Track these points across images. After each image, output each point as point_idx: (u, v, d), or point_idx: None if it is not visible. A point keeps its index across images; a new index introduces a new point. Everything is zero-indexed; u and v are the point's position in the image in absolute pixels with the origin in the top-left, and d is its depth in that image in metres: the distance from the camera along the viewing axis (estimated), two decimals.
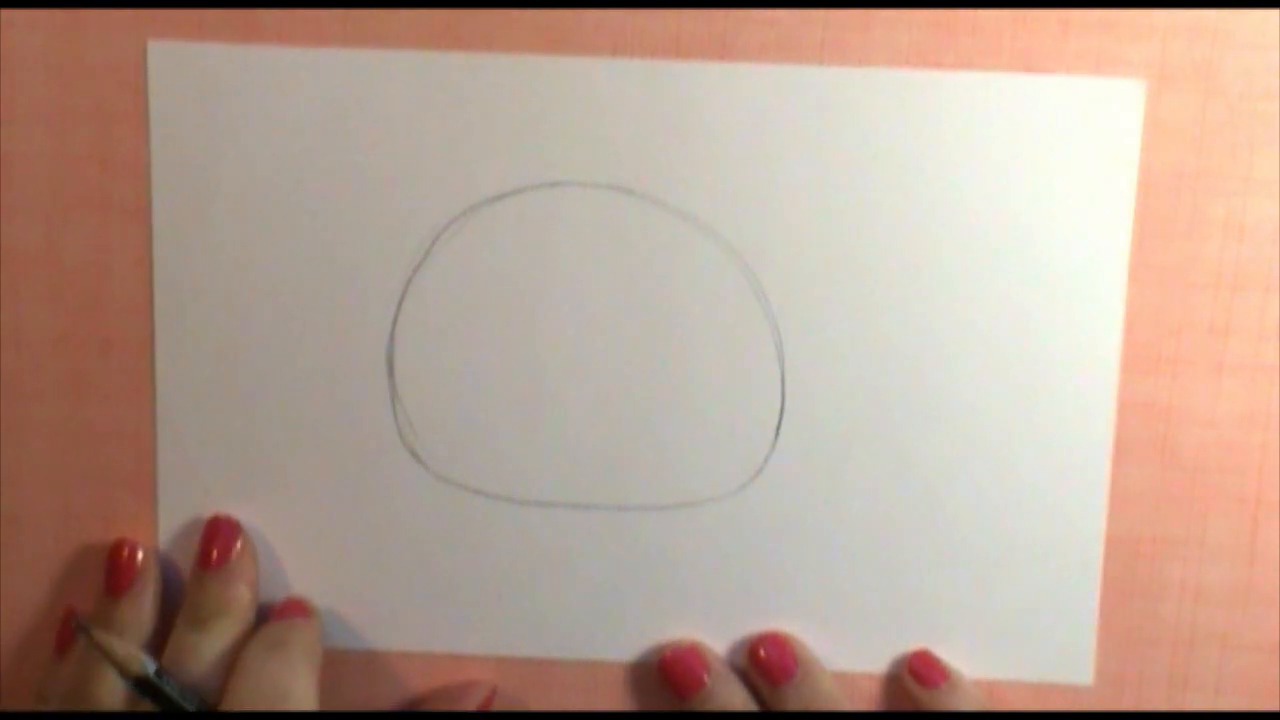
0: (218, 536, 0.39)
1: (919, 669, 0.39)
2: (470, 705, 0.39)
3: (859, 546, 0.39)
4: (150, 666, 0.35)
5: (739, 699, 0.38)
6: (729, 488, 0.39)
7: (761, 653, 0.39)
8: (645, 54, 0.38)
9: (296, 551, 0.40)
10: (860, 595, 0.40)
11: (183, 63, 0.38)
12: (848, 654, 0.39)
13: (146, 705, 0.35)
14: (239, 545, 0.39)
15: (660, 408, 0.39)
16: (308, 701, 0.35)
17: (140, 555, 0.39)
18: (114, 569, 0.39)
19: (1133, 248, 0.38)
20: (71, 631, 0.38)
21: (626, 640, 0.40)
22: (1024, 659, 0.39)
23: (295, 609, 0.39)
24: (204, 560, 0.39)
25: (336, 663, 0.40)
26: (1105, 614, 0.39)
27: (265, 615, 0.39)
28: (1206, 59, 0.37)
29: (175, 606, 0.39)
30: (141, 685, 0.35)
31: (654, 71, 0.38)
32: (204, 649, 0.37)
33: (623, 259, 0.38)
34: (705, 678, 0.39)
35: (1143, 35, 0.37)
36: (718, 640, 0.40)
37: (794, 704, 0.38)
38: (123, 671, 0.35)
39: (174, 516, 0.39)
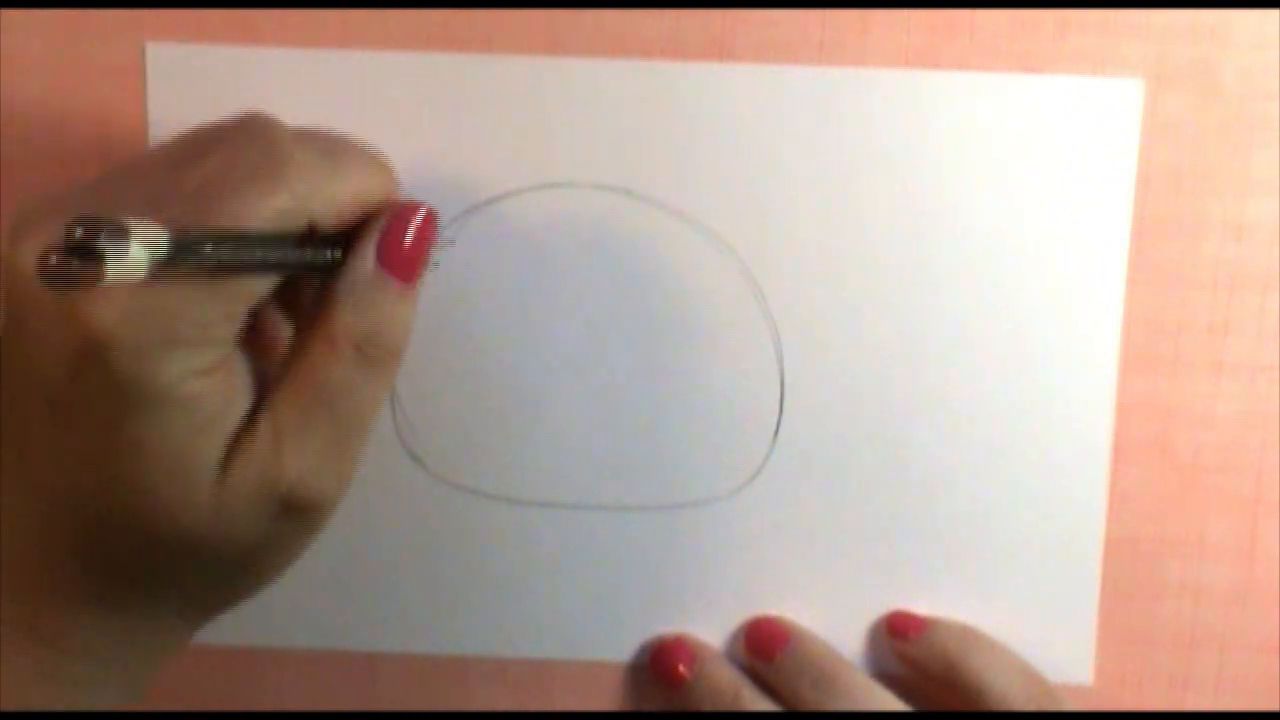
0: None
1: (896, 624, 0.39)
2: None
3: (858, 547, 0.39)
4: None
5: (727, 675, 0.39)
6: (728, 488, 0.39)
7: (752, 630, 0.39)
8: (644, 54, 0.38)
9: None
10: (859, 595, 0.40)
11: (181, 64, 0.38)
12: (847, 654, 0.39)
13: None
14: None
15: (660, 408, 0.39)
16: None
17: None
18: None
19: (1131, 247, 0.38)
20: None
21: (626, 640, 0.40)
22: (1024, 659, 0.39)
23: None
24: None
25: (337, 664, 0.40)
26: (1105, 614, 0.39)
27: None
28: (1205, 59, 0.37)
29: None
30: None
31: (653, 72, 0.38)
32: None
33: (622, 259, 0.38)
34: (692, 660, 0.39)
35: (1141, 35, 0.37)
36: (716, 640, 0.40)
37: (789, 671, 0.38)
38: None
39: None
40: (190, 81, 0.38)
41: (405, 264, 0.31)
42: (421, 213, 0.32)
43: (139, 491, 0.29)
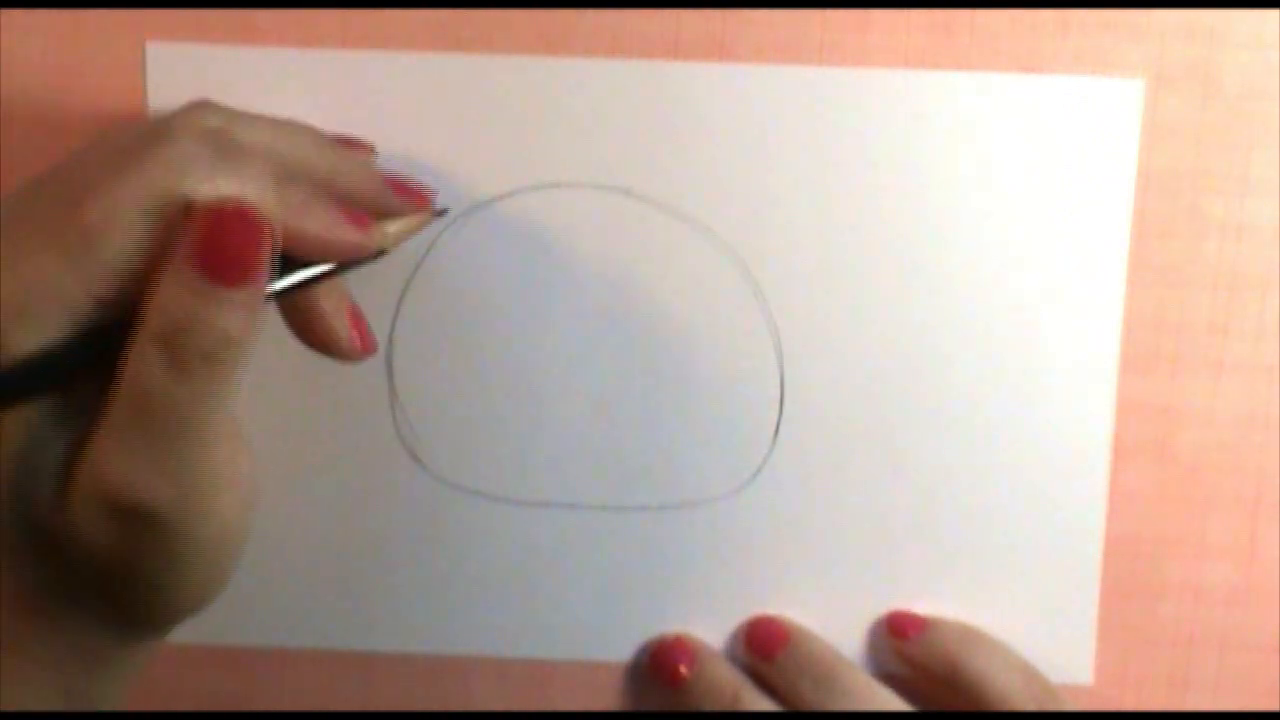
0: None
1: (896, 624, 0.39)
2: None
3: (857, 547, 0.39)
4: None
5: (727, 675, 0.39)
6: (728, 488, 0.39)
7: (752, 630, 0.39)
8: (644, 54, 0.38)
9: (295, 552, 0.40)
10: (859, 596, 0.40)
11: (181, 64, 0.38)
12: (847, 654, 0.39)
13: None
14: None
15: (659, 408, 0.39)
16: None
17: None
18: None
19: (1131, 247, 0.38)
20: None
21: (626, 640, 0.40)
22: (1025, 658, 0.39)
23: None
24: None
25: (336, 663, 0.40)
26: (1105, 614, 0.39)
27: None
28: (1205, 59, 0.37)
29: None
30: None
31: (653, 72, 0.38)
32: None
33: (622, 259, 0.38)
34: (692, 660, 0.39)
35: (1141, 35, 0.37)
36: (716, 640, 0.40)
37: (789, 670, 0.38)
38: None
39: None
40: (190, 81, 0.38)
41: (219, 266, 0.28)
42: (252, 216, 0.28)
43: None
